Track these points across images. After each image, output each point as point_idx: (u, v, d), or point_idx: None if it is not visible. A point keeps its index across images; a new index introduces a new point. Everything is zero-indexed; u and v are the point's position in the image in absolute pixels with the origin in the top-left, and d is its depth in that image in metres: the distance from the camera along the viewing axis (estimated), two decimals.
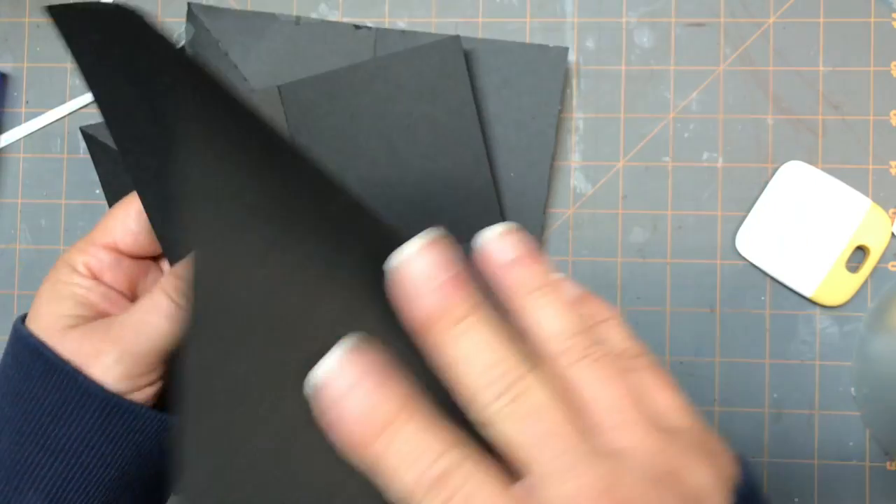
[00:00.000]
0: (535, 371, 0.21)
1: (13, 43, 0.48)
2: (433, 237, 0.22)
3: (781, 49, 0.45)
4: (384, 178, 0.44)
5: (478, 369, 0.20)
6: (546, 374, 0.21)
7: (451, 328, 0.21)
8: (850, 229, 0.43)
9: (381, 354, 0.21)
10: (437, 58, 0.43)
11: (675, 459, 0.21)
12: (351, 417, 0.20)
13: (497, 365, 0.20)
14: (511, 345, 0.21)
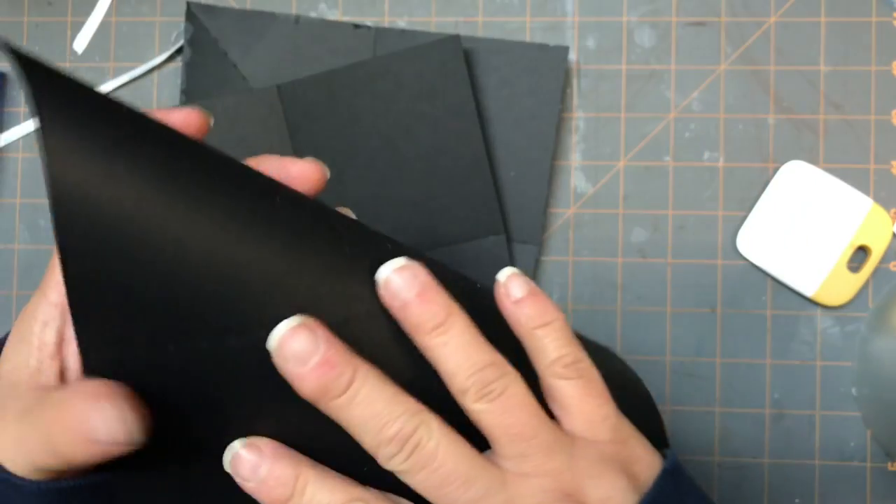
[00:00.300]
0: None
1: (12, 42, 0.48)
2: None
3: (782, 48, 0.44)
4: (384, 178, 0.44)
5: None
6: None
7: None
8: (852, 229, 0.43)
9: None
10: (437, 57, 0.43)
11: (574, 480, 0.24)
12: (315, 379, 0.22)
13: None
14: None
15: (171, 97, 0.47)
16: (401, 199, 0.44)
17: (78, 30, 0.47)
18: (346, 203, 0.44)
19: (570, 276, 0.45)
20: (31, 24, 0.48)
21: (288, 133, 0.44)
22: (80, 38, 0.47)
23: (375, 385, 0.22)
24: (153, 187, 0.20)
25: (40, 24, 0.48)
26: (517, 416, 0.23)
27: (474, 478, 0.23)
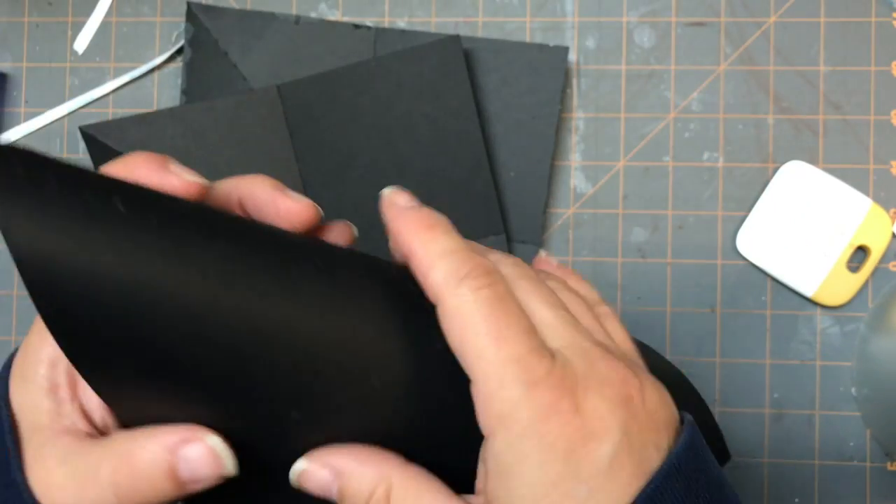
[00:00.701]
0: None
1: (12, 43, 0.48)
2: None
3: (782, 49, 0.45)
4: (384, 178, 0.44)
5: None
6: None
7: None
8: (851, 229, 0.43)
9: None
10: (437, 57, 0.43)
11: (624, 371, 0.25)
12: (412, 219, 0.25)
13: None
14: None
15: (171, 97, 0.47)
16: None
17: (78, 30, 0.47)
18: (347, 203, 0.44)
19: None
20: (31, 25, 0.48)
21: (288, 133, 0.44)
22: (81, 38, 0.48)
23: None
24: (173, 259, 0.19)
25: (41, 25, 0.48)
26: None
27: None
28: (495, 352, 0.23)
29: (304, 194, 0.44)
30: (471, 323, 0.23)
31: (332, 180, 0.44)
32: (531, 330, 0.24)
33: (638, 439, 0.23)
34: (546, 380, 0.23)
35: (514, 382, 0.22)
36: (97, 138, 0.44)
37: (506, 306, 0.23)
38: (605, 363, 0.24)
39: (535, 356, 0.23)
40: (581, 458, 0.22)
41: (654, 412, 0.24)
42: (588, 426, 0.22)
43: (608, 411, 0.23)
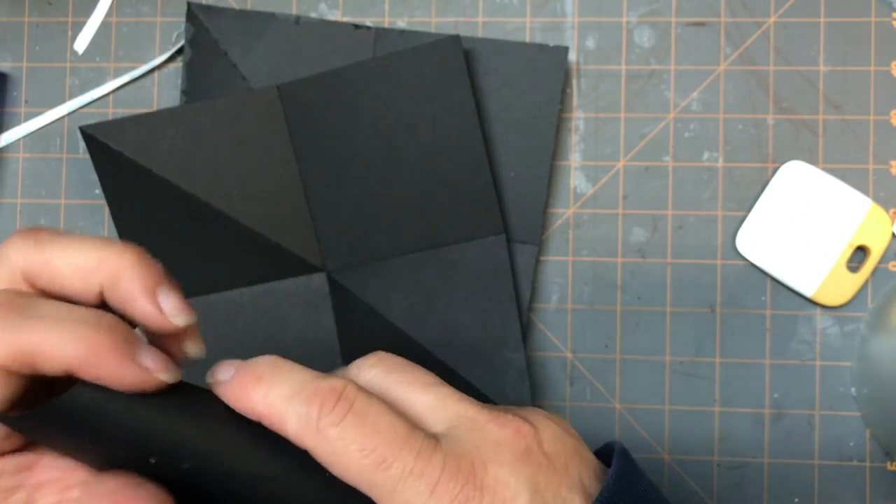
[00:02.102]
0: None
1: (12, 42, 0.48)
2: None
3: (782, 48, 0.45)
4: (384, 178, 0.44)
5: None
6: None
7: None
8: (851, 229, 0.43)
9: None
10: (437, 58, 0.43)
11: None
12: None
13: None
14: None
15: (171, 98, 0.47)
16: (401, 199, 0.44)
17: (78, 30, 0.47)
18: (347, 203, 0.44)
19: (570, 276, 0.45)
20: (31, 25, 0.48)
21: (288, 133, 0.44)
22: (81, 38, 0.48)
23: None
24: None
25: (41, 25, 0.48)
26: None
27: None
28: (384, 475, 0.22)
29: (304, 194, 0.44)
30: (347, 460, 0.23)
31: (332, 180, 0.44)
32: (411, 430, 0.23)
33: (549, 489, 0.23)
34: (443, 475, 0.22)
35: (415, 495, 0.22)
36: (97, 138, 0.44)
37: (373, 421, 0.23)
38: (493, 424, 0.24)
39: (423, 457, 0.23)
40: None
41: (554, 453, 0.24)
42: (497, 499, 0.22)
43: (511, 475, 0.23)
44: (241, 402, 0.23)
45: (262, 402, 0.23)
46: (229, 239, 0.44)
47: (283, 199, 0.44)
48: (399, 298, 0.44)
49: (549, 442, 0.24)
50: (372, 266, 0.44)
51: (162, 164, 0.44)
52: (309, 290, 0.45)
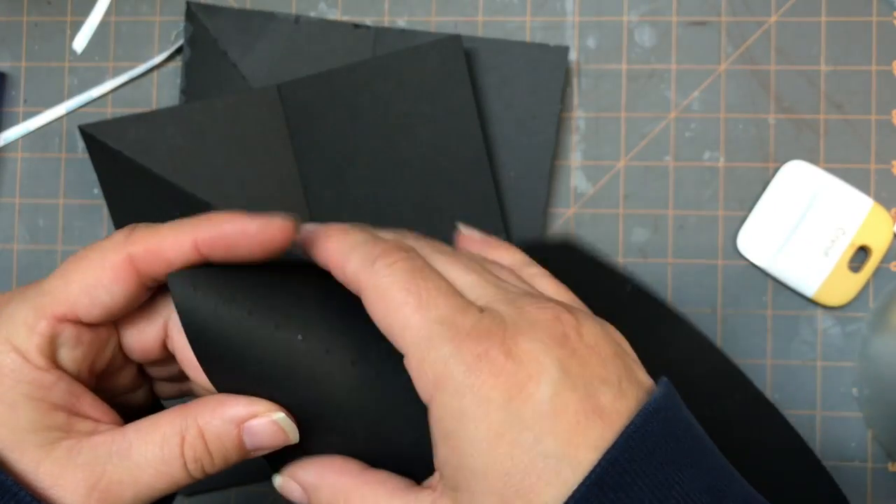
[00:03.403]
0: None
1: (11, 42, 0.48)
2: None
3: (783, 48, 0.44)
4: (384, 178, 0.44)
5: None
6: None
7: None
8: (852, 229, 0.43)
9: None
10: (437, 57, 0.43)
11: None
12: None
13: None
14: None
15: (170, 97, 0.47)
16: (401, 199, 0.44)
17: (77, 29, 0.47)
18: (347, 203, 0.44)
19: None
20: (30, 24, 0.48)
21: (288, 133, 0.44)
22: (80, 37, 0.47)
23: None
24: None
25: (39, 24, 0.48)
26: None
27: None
28: (419, 318, 0.23)
29: (304, 194, 0.44)
30: (390, 296, 0.23)
31: (332, 180, 0.44)
32: (453, 292, 0.24)
33: (580, 376, 0.22)
34: (473, 332, 0.22)
35: (441, 342, 0.22)
36: (96, 137, 0.43)
37: (423, 274, 0.24)
38: (535, 307, 0.23)
39: (459, 314, 0.23)
40: (521, 404, 0.21)
41: (594, 346, 0.23)
42: (522, 370, 0.22)
43: (542, 352, 0.22)
44: (318, 249, 0.25)
45: (334, 247, 0.25)
46: None
47: (282, 199, 0.44)
48: None
49: (590, 336, 0.23)
50: None
51: (161, 164, 0.44)
52: None
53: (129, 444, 0.24)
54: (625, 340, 0.25)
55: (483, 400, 0.21)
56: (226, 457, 0.25)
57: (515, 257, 0.29)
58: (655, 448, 0.21)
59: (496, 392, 0.21)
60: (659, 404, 0.22)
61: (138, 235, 0.25)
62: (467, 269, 0.25)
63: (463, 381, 0.22)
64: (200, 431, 0.25)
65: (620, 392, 0.22)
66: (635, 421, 0.21)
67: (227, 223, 0.25)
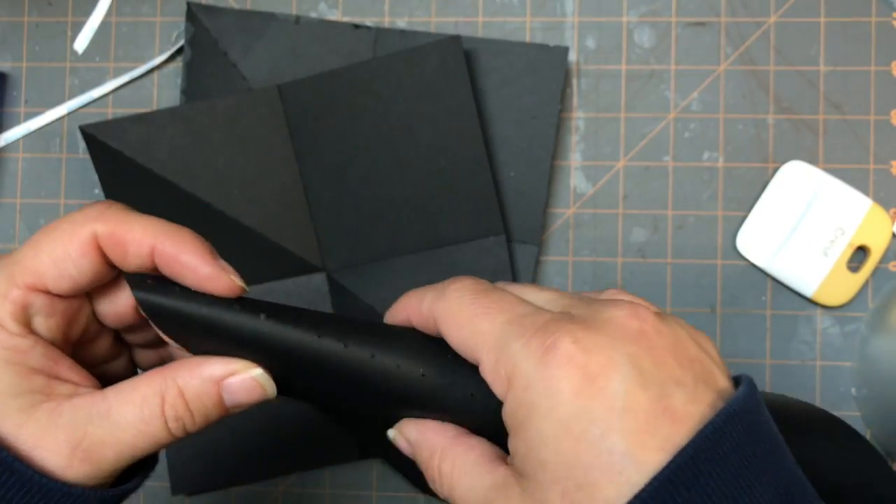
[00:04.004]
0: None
1: (12, 42, 0.48)
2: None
3: (782, 48, 0.45)
4: (384, 178, 0.44)
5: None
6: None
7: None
8: (851, 229, 0.43)
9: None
10: (437, 58, 0.43)
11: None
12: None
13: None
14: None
15: (171, 97, 0.47)
16: (401, 199, 0.44)
17: (78, 30, 0.47)
18: (347, 203, 0.44)
19: (570, 276, 0.45)
20: (31, 24, 0.48)
21: (288, 133, 0.44)
22: (81, 38, 0.47)
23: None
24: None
25: (40, 24, 0.48)
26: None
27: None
28: (488, 324, 0.23)
29: (304, 194, 0.44)
30: (460, 312, 0.24)
31: (332, 180, 0.44)
32: (523, 301, 0.24)
33: (653, 374, 0.21)
34: (544, 328, 0.22)
35: (511, 339, 0.23)
36: (97, 137, 0.44)
37: (490, 289, 0.25)
38: (611, 305, 0.23)
39: (530, 315, 0.23)
40: (590, 398, 0.21)
41: (673, 346, 0.22)
42: (593, 362, 0.21)
43: (613, 346, 0.22)
44: (397, 310, 0.28)
45: (409, 298, 0.27)
46: (229, 239, 0.44)
47: (283, 199, 0.44)
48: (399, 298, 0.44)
49: (669, 335, 0.23)
50: (372, 266, 0.44)
51: (162, 164, 0.44)
52: (309, 290, 0.45)
53: (110, 406, 0.25)
54: (710, 344, 0.24)
55: (552, 392, 0.21)
56: (206, 415, 0.26)
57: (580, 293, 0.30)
58: (728, 455, 0.21)
59: (565, 383, 0.21)
60: (733, 410, 0.21)
61: (109, 216, 0.25)
62: (541, 290, 0.26)
63: (533, 374, 0.22)
64: (180, 391, 0.25)
65: (695, 395, 0.22)
66: (707, 428, 0.21)
67: (187, 253, 0.25)
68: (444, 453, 0.25)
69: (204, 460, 0.44)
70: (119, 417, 0.25)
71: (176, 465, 0.44)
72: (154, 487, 0.46)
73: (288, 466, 0.45)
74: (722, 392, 0.22)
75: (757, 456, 0.21)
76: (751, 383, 0.23)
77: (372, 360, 0.25)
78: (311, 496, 0.45)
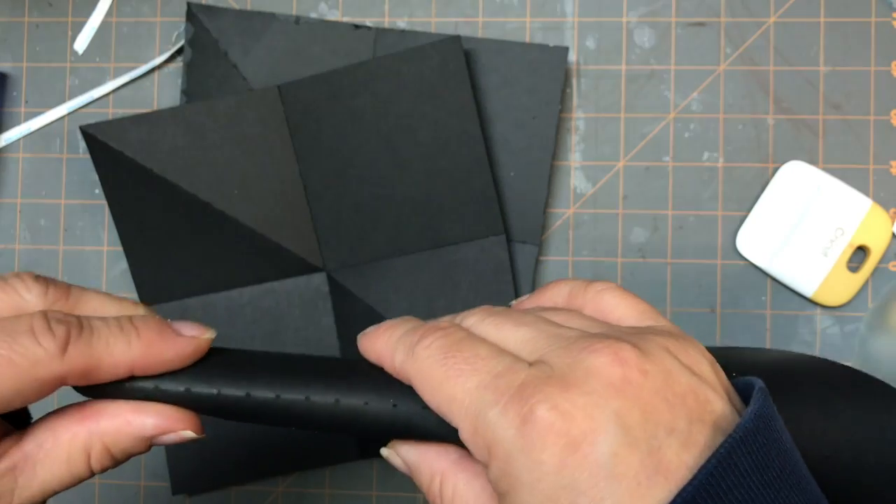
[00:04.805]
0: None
1: (12, 42, 0.48)
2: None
3: (782, 49, 0.45)
4: (384, 178, 0.44)
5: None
6: None
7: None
8: (851, 229, 0.43)
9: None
10: (437, 58, 0.43)
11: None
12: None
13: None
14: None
15: (171, 97, 0.47)
16: (401, 199, 0.44)
17: (78, 30, 0.48)
18: (347, 203, 0.44)
19: (570, 276, 0.45)
20: (31, 25, 0.48)
21: (288, 133, 0.44)
22: (81, 38, 0.48)
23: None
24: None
25: (41, 25, 0.48)
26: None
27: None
28: (461, 390, 0.22)
29: (305, 194, 0.44)
30: (431, 376, 0.23)
31: (332, 180, 0.44)
32: (497, 353, 0.23)
33: (642, 429, 0.20)
34: (519, 391, 0.21)
35: (487, 407, 0.21)
36: (97, 138, 0.44)
37: (460, 346, 0.23)
38: (590, 351, 0.21)
39: (504, 374, 0.22)
40: (575, 467, 0.20)
41: (661, 387, 0.21)
42: (575, 429, 0.20)
43: (596, 405, 0.20)
44: (368, 349, 0.26)
45: (382, 345, 0.25)
46: (229, 239, 0.44)
47: (283, 199, 0.44)
48: (399, 298, 0.44)
49: (657, 374, 0.21)
50: (372, 266, 0.44)
51: (162, 164, 0.44)
52: (309, 290, 0.45)
53: (34, 467, 0.24)
54: (703, 357, 0.23)
55: (535, 464, 0.20)
56: (131, 457, 0.25)
57: (572, 284, 0.27)
58: (731, 490, 0.19)
59: (547, 455, 0.20)
60: (730, 447, 0.20)
61: (75, 354, 0.23)
62: (518, 325, 0.24)
63: (512, 446, 0.20)
64: (106, 448, 0.24)
65: (689, 439, 0.20)
66: (697, 476, 0.19)
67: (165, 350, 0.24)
68: (445, 477, 0.24)
69: (204, 460, 0.44)
70: (45, 474, 0.24)
71: (176, 465, 0.44)
72: (154, 487, 0.46)
73: (288, 466, 0.45)
74: (720, 422, 0.21)
75: (766, 484, 0.20)
76: (760, 400, 0.21)
77: (336, 405, 0.25)
78: (311, 496, 0.45)
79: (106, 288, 0.47)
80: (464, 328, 0.24)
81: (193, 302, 0.45)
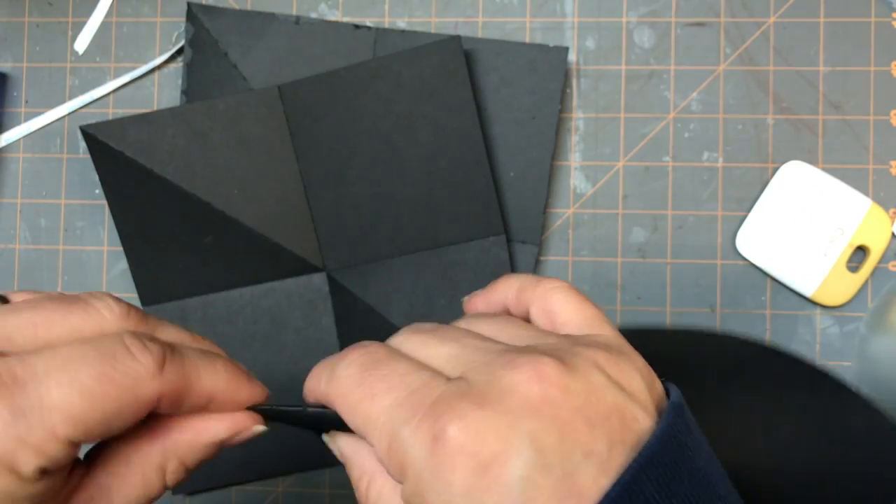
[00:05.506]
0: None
1: (12, 43, 0.48)
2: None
3: (782, 49, 0.45)
4: (384, 178, 0.44)
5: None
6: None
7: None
8: (851, 229, 0.43)
9: None
10: (437, 58, 0.43)
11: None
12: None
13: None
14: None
15: (171, 97, 0.47)
16: (401, 199, 0.44)
17: (78, 30, 0.48)
18: (347, 203, 0.44)
19: (570, 276, 0.45)
20: (31, 25, 0.48)
21: (288, 133, 0.44)
22: (81, 38, 0.48)
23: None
24: None
25: (41, 25, 0.48)
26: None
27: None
28: (376, 409, 0.21)
29: (305, 194, 0.44)
30: (348, 394, 0.22)
31: (332, 180, 0.44)
32: (415, 369, 0.22)
33: (557, 451, 0.19)
34: (432, 410, 0.20)
35: (400, 425, 0.20)
36: (98, 138, 0.44)
37: (378, 364, 0.22)
38: (510, 367, 0.20)
39: (420, 391, 0.21)
40: (483, 491, 0.19)
41: (584, 404, 0.20)
42: (486, 451, 0.19)
43: (511, 425, 0.19)
44: (310, 390, 0.25)
45: (311, 380, 0.25)
46: (229, 239, 0.44)
47: (283, 199, 0.44)
48: (399, 298, 0.44)
49: (579, 391, 0.20)
50: (372, 266, 0.44)
51: (162, 164, 0.44)
52: (309, 290, 0.45)
53: (109, 496, 0.23)
54: (637, 371, 0.22)
55: (444, 486, 0.19)
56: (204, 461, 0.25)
57: (523, 279, 0.26)
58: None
59: (456, 476, 0.19)
60: (636, 471, 0.19)
61: (172, 373, 0.22)
62: (443, 340, 0.23)
63: (423, 466, 0.20)
64: (181, 461, 0.24)
65: (609, 463, 0.19)
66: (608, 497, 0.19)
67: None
68: (373, 478, 0.23)
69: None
70: (120, 499, 0.23)
71: None
72: None
73: (288, 466, 0.45)
74: (643, 442, 0.20)
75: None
76: (668, 419, 0.20)
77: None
78: (311, 496, 0.45)
79: (106, 288, 0.47)
80: (388, 346, 0.23)
81: (193, 302, 0.45)
